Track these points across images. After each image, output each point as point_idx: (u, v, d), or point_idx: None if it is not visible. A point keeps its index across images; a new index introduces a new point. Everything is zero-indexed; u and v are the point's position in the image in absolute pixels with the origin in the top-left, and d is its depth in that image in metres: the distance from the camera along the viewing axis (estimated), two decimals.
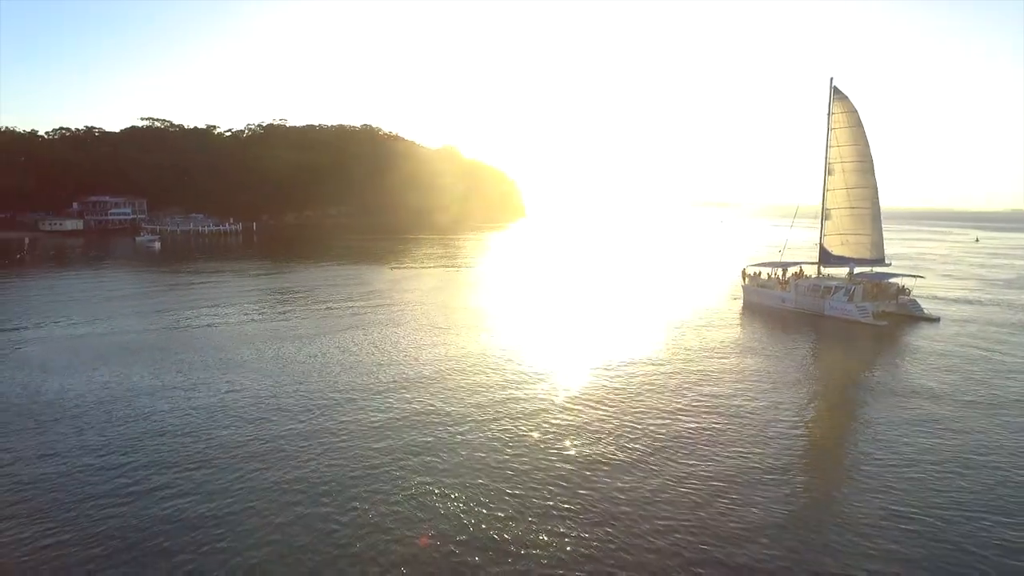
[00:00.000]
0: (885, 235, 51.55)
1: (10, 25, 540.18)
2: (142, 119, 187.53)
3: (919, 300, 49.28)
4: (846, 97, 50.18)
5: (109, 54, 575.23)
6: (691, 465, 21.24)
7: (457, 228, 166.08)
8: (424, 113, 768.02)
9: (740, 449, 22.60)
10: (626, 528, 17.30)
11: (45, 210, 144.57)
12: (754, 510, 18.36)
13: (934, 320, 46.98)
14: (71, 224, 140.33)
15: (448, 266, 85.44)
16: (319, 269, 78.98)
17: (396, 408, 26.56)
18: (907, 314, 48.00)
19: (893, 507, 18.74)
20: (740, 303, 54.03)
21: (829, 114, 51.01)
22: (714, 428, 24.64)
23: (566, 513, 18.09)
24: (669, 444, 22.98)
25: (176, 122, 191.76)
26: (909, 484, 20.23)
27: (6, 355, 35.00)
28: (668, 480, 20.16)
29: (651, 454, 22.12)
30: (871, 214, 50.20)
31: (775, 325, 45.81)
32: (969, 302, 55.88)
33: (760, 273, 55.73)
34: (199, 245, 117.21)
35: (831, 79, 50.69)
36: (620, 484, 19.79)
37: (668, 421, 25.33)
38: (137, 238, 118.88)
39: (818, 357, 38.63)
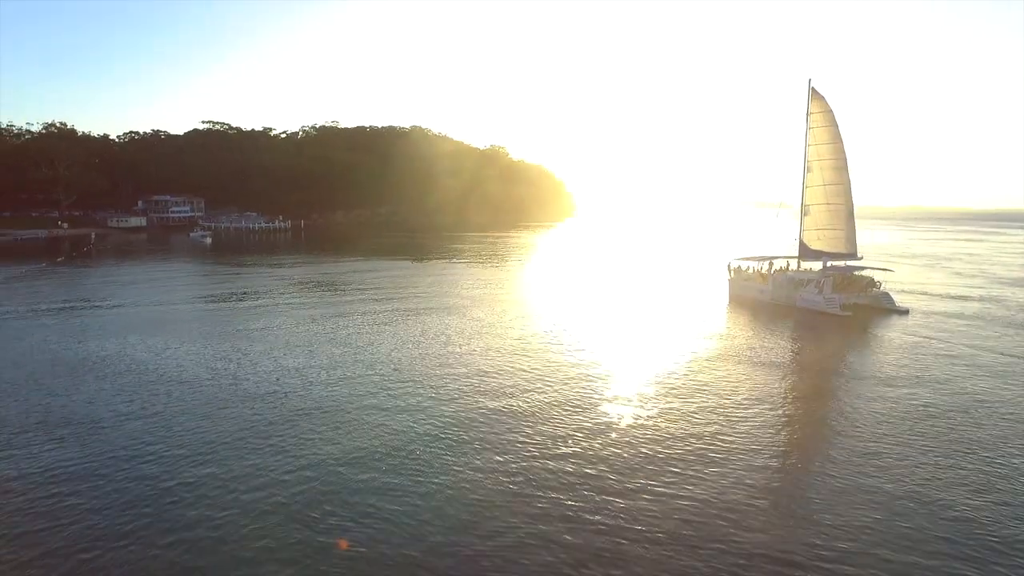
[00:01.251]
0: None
1: (83, 34, 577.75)
2: (203, 122, 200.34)
3: (912, 295, 51.00)
4: (823, 97, 52.56)
5: (174, 59, 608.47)
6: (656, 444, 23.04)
7: (504, 226, 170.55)
8: (472, 114, 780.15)
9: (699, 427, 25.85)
10: (605, 511, 18.01)
11: (114, 208, 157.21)
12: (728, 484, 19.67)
13: (903, 312, 48.83)
14: (135, 221, 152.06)
15: (479, 262, 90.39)
16: (349, 263, 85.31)
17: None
18: (878, 306, 50.07)
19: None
20: (726, 295, 56.89)
21: (807, 113, 53.46)
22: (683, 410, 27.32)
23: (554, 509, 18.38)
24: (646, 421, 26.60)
25: (235, 124, 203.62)
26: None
27: (63, 324, 42.34)
28: (640, 461, 21.46)
29: (623, 429, 25.13)
30: (845, 210, 52.42)
31: (751, 314, 48.63)
32: (954, 297, 56.84)
33: (743, 267, 58.28)
34: (248, 241, 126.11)
35: (809, 80, 53.28)
36: (596, 468, 20.94)
37: (648, 395, 29.23)
38: (191, 234, 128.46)
39: (779, 342, 40.41)
